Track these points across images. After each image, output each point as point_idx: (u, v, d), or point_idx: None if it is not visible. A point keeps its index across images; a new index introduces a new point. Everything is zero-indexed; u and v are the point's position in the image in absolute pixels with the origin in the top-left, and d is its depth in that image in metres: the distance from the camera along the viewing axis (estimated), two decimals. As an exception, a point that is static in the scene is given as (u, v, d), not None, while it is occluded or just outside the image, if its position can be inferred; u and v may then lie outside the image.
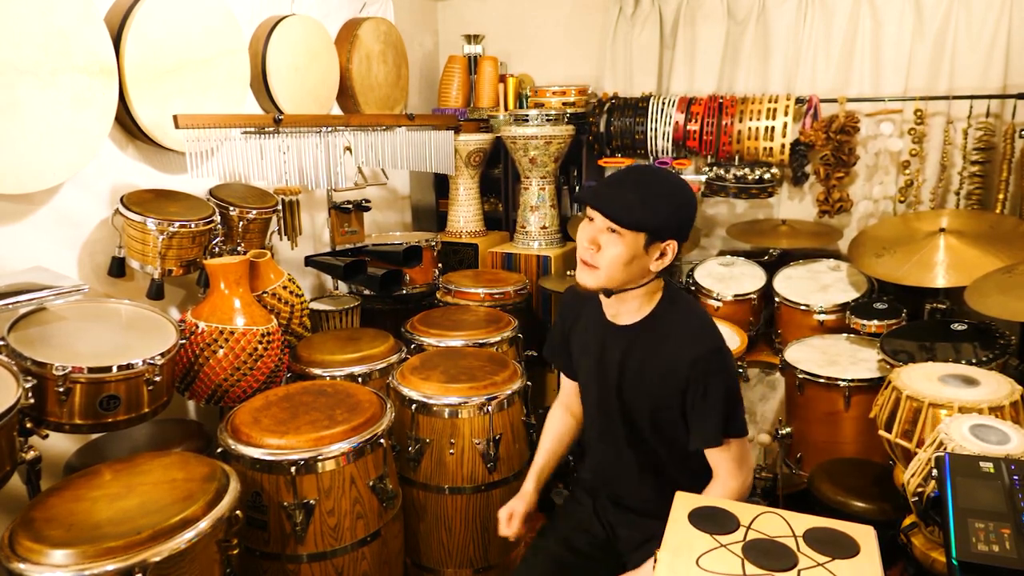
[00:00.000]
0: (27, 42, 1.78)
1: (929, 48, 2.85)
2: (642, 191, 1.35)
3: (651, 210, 1.34)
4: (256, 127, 2.29)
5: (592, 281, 1.41)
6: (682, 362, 1.40)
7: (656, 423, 1.50)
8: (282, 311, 2.29)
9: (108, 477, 1.49)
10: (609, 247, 1.36)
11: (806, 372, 2.48)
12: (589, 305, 1.56)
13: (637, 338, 1.47)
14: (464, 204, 3.36)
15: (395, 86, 3.26)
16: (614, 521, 1.62)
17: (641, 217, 1.34)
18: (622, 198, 1.34)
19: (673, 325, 1.45)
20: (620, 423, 1.54)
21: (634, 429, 1.53)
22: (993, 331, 2.35)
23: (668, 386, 1.43)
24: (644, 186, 1.36)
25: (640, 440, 1.54)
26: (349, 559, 1.72)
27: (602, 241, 1.37)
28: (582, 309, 1.60)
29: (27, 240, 1.95)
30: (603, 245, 1.37)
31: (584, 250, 1.40)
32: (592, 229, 1.39)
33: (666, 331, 1.45)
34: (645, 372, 1.46)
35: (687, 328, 1.44)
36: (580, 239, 1.42)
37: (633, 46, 3.36)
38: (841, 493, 2.19)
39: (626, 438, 1.55)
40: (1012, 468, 1.29)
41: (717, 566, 1.10)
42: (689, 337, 1.42)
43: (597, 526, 1.63)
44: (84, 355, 1.63)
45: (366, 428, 1.74)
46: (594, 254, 1.38)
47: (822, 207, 3.03)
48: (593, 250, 1.38)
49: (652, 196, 1.35)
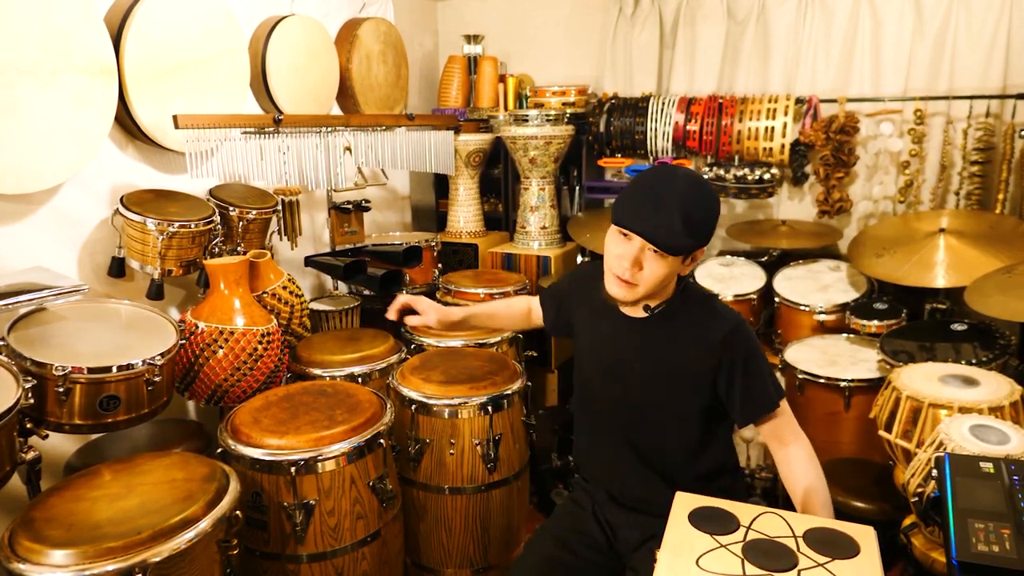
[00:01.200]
0: (27, 42, 1.78)
1: (929, 48, 2.85)
2: (682, 211, 1.32)
3: (694, 232, 1.35)
4: (256, 127, 2.29)
5: (630, 296, 1.42)
6: (711, 343, 1.42)
7: (669, 413, 1.50)
8: (282, 311, 2.29)
9: (108, 477, 1.49)
10: (651, 266, 1.37)
11: (806, 372, 2.48)
12: (599, 291, 1.52)
13: (656, 328, 1.49)
14: (464, 204, 3.36)
15: (395, 86, 3.26)
16: (614, 521, 1.62)
17: (686, 242, 1.35)
18: (667, 222, 1.32)
19: (691, 311, 1.48)
20: (628, 416, 1.53)
21: (643, 421, 1.53)
22: (993, 331, 2.35)
23: (692, 372, 1.45)
24: (684, 205, 1.33)
25: (648, 433, 1.53)
26: (349, 559, 1.72)
27: (645, 261, 1.38)
28: (594, 293, 1.56)
29: (27, 240, 1.95)
30: (645, 264, 1.38)
31: (623, 269, 1.38)
32: (633, 249, 1.37)
33: (685, 318, 1.47)
34: (664, 361, 1.48)
35: (707, 311, 1.47)
36: (617, 256, 1.40)
37: (633, 46, 3.36)
38: (841, 493, 2.19)
39: (633, 432, 1.54)
40: (1012, 468, 1.29)
41: (717, 566, 1.10)
42: (712, 318, 1.46)
43: (596, 528, 1.63)
44: (84, 355, 1.63)
45: (366, 428, 1.74)
46: (635, 273, 1.38)
47: (822, 207, 3.03)
48: (635, 270, 1.38)
49: (694, 217, 1.34)
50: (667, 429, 1.51)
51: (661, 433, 1.52)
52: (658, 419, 1.51)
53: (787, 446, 1.46)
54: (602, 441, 1.62)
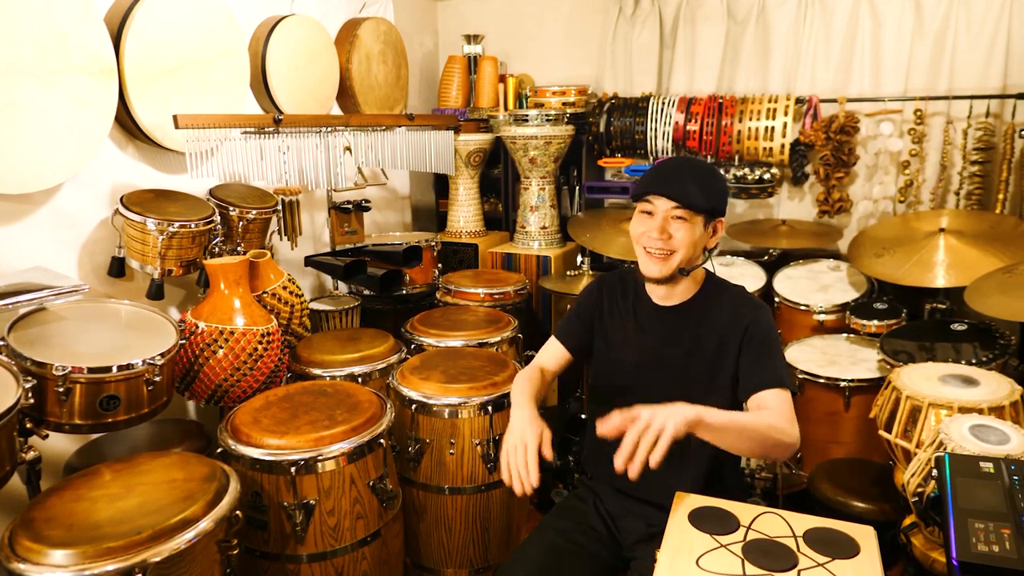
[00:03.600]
0: (27, 42, 1.78)
1: (929, 48, 2.85)
2: (698, 178, 1.48)
3: (710, 192, 1.48)
4: (256, 127, 2.29)
5: (666, 270, 1.51)
6: (740, 320, 1.52)
7: (705, 391, 1.51)
8: (282, 311, 2.29)
9: (108, 477, 1.48)
10: (679, 232, 1.48)
11: (806, 372, 2.48)
12: (624, 293, 1.66)
13: (694, 313, 1.58)
14: (464, 204, 3.36)
15: (395, 86, 3.26)
16: (617, 511, 1.61)
17: (707, 200, 1.47)
18: (686, 185, 1.46)
19: (723, 295, 1.59)
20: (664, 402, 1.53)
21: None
22: (993, 331, 2.35)
23: (727, 349, 1.52)
24: (696, 172, 1.50)
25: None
26: (349, 559, 1.72)
27: (672, 229, 1.48)
28: (621, 296, 1.68)
29: (27, 240, 1.95)
30: (672, 232, 1.48)
31: (653, 240, 1.49)
32: (659, 220, 1.48)
33: (719, 300, 1.58)
34: (705, 341, 1.55)
35: (735, 294, 1.59)
36: (644, 232, 1.50)
37: (633, 46, 3.36)
38: (841, 493, 2.19)
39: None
40: (1012, 468, 1.29)
41: (717, 566, 1.11)
42: (741, 300, 1.57)
43: (598, 521, 1.62)
44: (84, 355, 1.63)
45: (366, 428, 1.74)
46: (667, 240, 1.48)
47: (822, 207, 3.03)
48: (665, 238, 1.48)
49: (707, 181, 1.49)
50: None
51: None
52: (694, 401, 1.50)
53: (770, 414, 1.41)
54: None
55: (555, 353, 1.75)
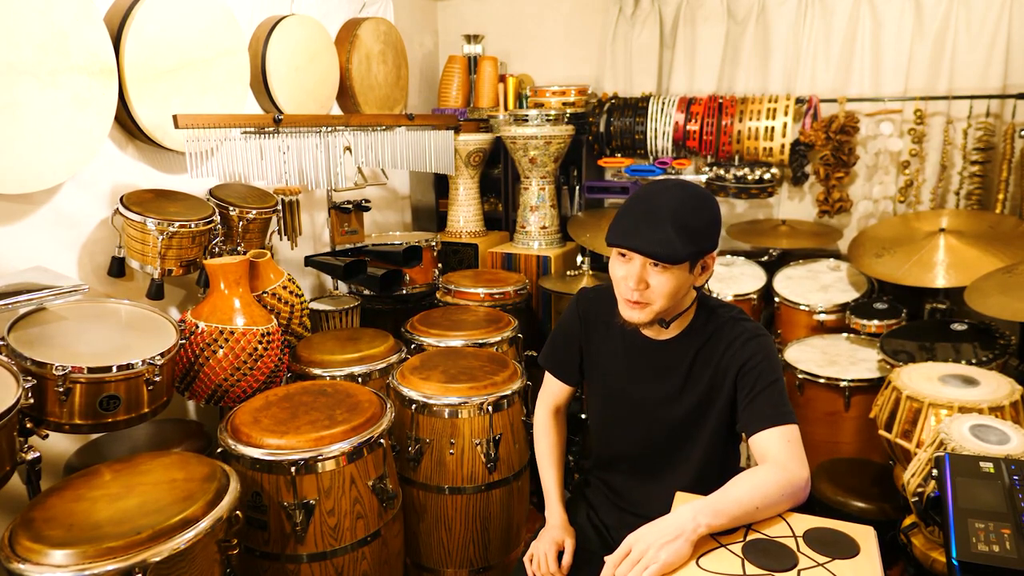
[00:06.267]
0: (26, 42, 1.78)
1: (929, 48, 2.85)
2: (676, 221, 1.30)
3: (694, 234, 1.32)
4: (256, 127, 2.29)
5: (644, 318, 1.38)
6: (736, 351, 1.40)
7: (695, 431, 1.47)
8: (282, 311, 2.29)
9: (108, 477, 1.48)
10: (657, 281, 1.34)
11: (806, 372, 2.48)
12: (609, 317, 1.49)
13: (687, 346, 1.46)
14: (464, 204, 3.36)
15: (395, 86, 3.26)
16: (614, 523, 1.61)
17: (683, 249, 1.30)
18: (661, 234, 1.30)
19: (716, 324, 1.45)
20: (661, 439, 1.51)
21: (677, 440, 1.50)
22: (993, 331, 2.35)
23: (721, 384, 1.42)
24: (675, 214, 1.31)
25: (671, 450, 1.51)
26: (349, 559, 1.72)
27: (649, 278, 1.35)
28: (604, 318, 1.53)
29: (27, 240, 1.95)
30: (650, 282, 1.35)
31: (630, 291, 1.36)
32: (635, 267, 1.34)
33: (712, 331, 1.45)
34: (699, 376, 1.45)
35: (731, 322, 1.45)
36: (621, 278, 1.38)
37: (633, 46, 3.36)
38: (841, 493, 2.19)
39: (662, 453, 1.52)
40: (1012, 468, 1.29)
41: (717, 566, 1.10)
42: (737, 328, 1.43)
43: (591, 532, 1.62)
44: (84, 355, 1.63)
45: (366, 428, 1.74)
46: (643, 291, 1.35)
47: (822, 207, 3.03)
48: (642, 288, 1.35)
49: (690, 220, 1.32)
50: (693, 447, 1.48)
51: (697, 448, 1.49)
52: (684, 438, 1.49)
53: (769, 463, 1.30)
54: (624, 466, 1.59)
55: (558, 390, 1.71)
